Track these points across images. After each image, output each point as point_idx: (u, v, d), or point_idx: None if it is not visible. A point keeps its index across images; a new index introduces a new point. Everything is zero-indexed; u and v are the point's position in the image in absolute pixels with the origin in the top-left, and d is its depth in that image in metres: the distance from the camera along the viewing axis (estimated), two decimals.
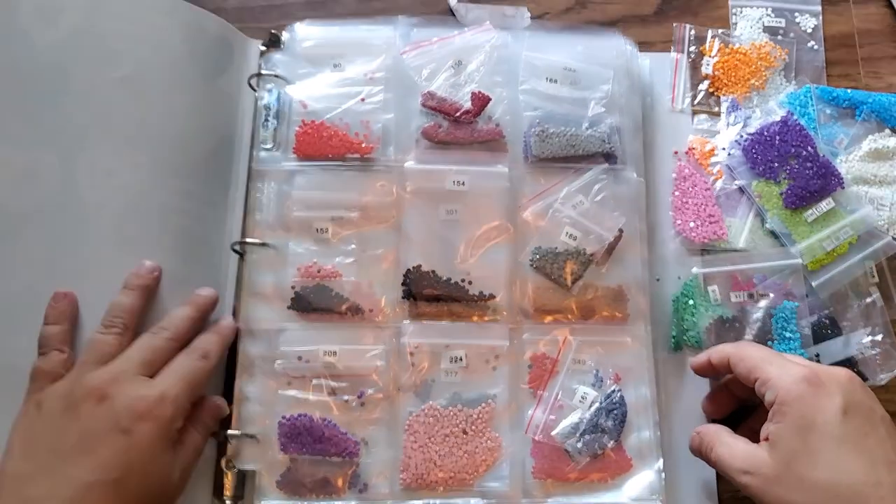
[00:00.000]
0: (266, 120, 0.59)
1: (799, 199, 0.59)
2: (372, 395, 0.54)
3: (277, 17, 0.65)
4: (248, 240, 0.57)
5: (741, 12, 0.66)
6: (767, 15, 0.66)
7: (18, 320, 0.51)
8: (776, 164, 0.60)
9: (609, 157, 0.59)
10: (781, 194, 0.59)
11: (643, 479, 0.53)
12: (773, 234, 0.60)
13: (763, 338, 0.56)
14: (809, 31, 0.65)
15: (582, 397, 0.54)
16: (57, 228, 0.53)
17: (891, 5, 0.67)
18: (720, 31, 0.65)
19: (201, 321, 0.53)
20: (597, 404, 0.54)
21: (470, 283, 0.56)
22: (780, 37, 0.65)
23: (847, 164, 0.61)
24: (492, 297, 0.56)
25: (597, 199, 0.57)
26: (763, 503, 0.45)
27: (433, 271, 0.56)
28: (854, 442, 0.44)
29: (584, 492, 0.53)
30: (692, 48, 0.65)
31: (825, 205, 0.59)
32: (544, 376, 0.55)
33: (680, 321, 0.57)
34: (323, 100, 0.59)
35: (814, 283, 0.58)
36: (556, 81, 0.60)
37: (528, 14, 0.65)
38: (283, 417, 0.53)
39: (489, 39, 0.61)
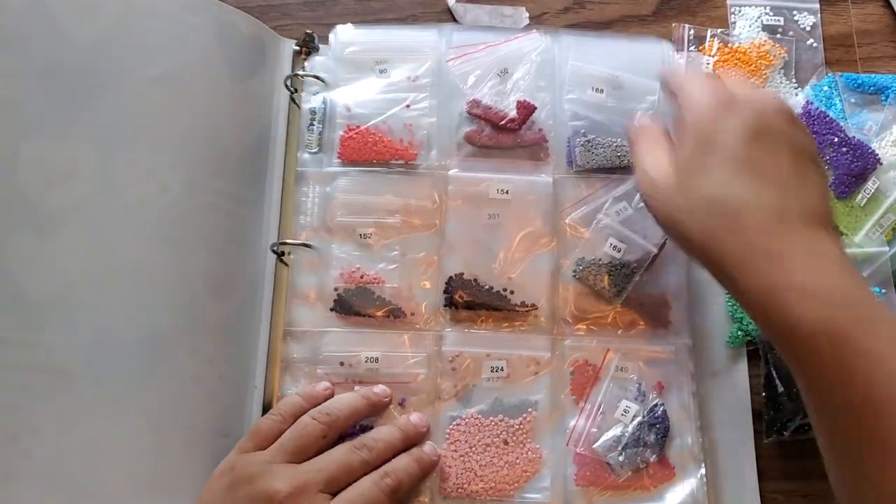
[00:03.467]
0: (311, 124, 0.57)
1: (847, 187, 0.57)
2: (413, 402, 0.52)
3: (277, 16, 0.62)
4: (290, 241, 0.55)
5: (740, 11, 0.64)
6: (766, 14, 0.64)
7: (55, 318, 0.49)
8: None
9: None
10: (830, 186, 0.57)
11: (686, 487, 0.51)
12: None
13: None
14: (808, 28, 0.64)
15: (624, 411, 0.52)
16: (95, 226, 0.50)
17: (889, 5, 0.65)
18: (719, 30, 0.63)
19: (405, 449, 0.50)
20: (639, 418, 0.52)
21: (512, 292, 0.54)
22: (779, 35, 0.63)
23: (881, 151, 0.58)
24: (534, 307, 0.54)
25: (640, 205, 0.55)
26: (653, 212, 0.45)
27: (475, 279, 0.54)
28: (751, 164, 0.41)
29: (626, 501, 0.51)
30: (691, 48, 0.63)
31: (871, 185, 0.57)
32: (586, 385, 0.53)
33: (740, 317, 0.55)
34: (368, 105, 0.57)
35: (864, 274, 0.56)
36: (601, 91, 0.58)
37: (527, 14, 0.64)
38: None
39: (536, 48, 0.59)
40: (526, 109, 0.57)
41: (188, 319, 0.51)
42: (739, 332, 0.55)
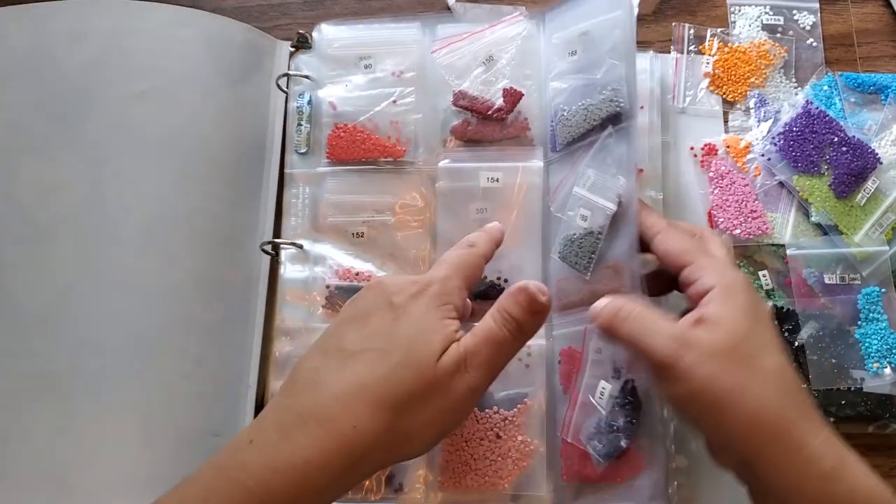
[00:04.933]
0: (299, 124, 0.57)
1: (847, 186, 0.56)
2: None
3: (276, 16, 0.62)
4: (280, 241, 0.55)
5: (739, 11, 0.63)
6: (766, 13, 0.63)
7: (46, 325, 0.51)
8: (815, 157, 0.57)
9: (616, 119, 0.52)
10: (830, 185, 0.56)
11: (658, 474, 0.49)
12: (818, 226, 0.57)
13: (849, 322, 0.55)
14: (808, 28, 0.63)
15: (601, 392, 0.50)
16: (85, 237, 0.52)
17: (889, 4, 0.64)
18: (719, 30, 0.63)
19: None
20: (613, 398, 0.49)
21: (505, 280, 0.53)
22: (778, 35, 0.62)
23: (881, 150, 0.58)
24: None
25: (598, 156, 0.52)
26: (690, 385, 0.40)
27: None
28: (780, 344, 0.42)
29: (608, 495, 0.49)
30: (691, 47, 0.62)
31: (871, 184, 0.57)
32: (572, 372, 0.51)
33: None
34: (354, 102, 0.57)
35: (864, 273, 0.55)
36: (575, 53, 0.55)
37: (527, 13, 0.64)
38: None
39: (520, 32, 0.57)
40: (513, 97, 0.56)
41: (177, 321, 0.51)
42: None
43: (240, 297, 0.54)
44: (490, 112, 0.56)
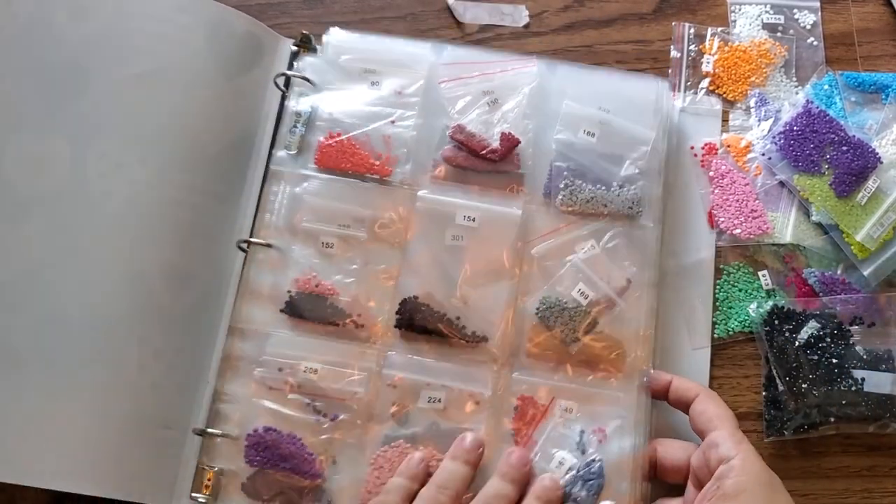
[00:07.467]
0: (295, 125, 0.56)
1: (847, 186, 0.56)
2: (346, 420, 0.50)
3: (276, 14, 0.61)
4: (252, 239, 0.54)
5: (740, 10, 0.62)
6: (766, 12, 0.62)
7: (16, 300, 0.50)
8: (815, 156, 0.56)
9: (632, 219, 0.54)
10: (831, 185, 0.56)
11: None
12: (819, 226, 0.56)
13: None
14: (808, 27, 0.62)
15: (559, 463, 0.49)
16: (62, 215, 0.51)
17: (889, 4, 0.63)
18: (719, 28, 0.62)
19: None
20: (574, 472, 0.49)
21: (464, 327, 0.52)
22: (779, 34, 0.61)
23: (881, 150, 0.57)
24: (484, 339, 0.51)
25: (608, 245, 0.53)
26: None
27: (429, 304, 0.52)
28: None
29: None
30: (692, 46, 0.61)
31: (872, 183, 0.56)
32: (529, 423, 0.50)
33: (727, 310, 0.55)
34: (353, 115, 0.56)
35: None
36: (593, 135, 0.55)
37: (527, 12, 0.64)
38: (252, 430, 0.50)
39: (530, 82, 0.56)
40: (509, 142, 0.54)
41: (139, 309, 0.51)
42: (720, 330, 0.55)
43: (209, 292, 0.54)
44: (484, 152, 0.54)
